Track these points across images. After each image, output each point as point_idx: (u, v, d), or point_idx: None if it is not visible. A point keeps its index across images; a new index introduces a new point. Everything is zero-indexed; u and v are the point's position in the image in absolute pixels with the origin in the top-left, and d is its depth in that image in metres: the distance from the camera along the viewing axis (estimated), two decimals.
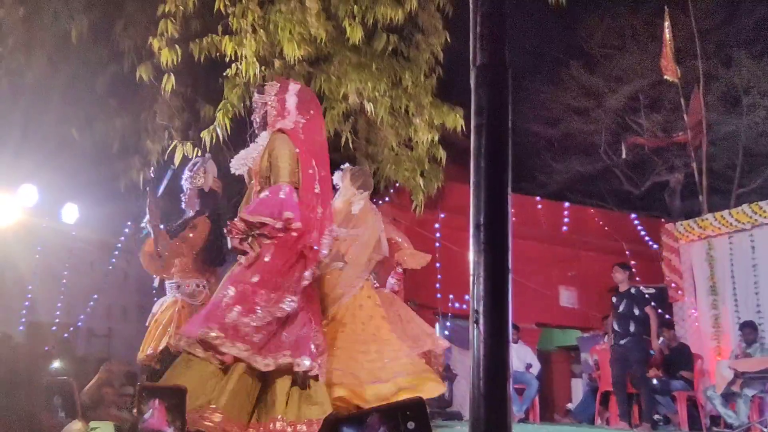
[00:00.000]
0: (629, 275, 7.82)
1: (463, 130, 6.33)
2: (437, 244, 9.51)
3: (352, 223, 4.46)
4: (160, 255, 4.52)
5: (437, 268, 9.40)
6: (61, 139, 6.61)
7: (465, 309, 9.28)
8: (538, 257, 9.91)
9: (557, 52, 13.73)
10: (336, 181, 4.53)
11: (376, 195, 8.41)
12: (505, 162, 1.71)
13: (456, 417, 8.15)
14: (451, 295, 9.44)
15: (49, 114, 6.44)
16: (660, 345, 8.03)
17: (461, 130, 6.35)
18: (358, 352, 4.08)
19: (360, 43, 5.89)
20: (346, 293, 4.27)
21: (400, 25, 6.02)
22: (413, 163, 6.77)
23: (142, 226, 4.63)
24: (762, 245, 8.10)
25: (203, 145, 5.84)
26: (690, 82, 10.96)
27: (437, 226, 9.65)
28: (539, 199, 11.08)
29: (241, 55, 5.62)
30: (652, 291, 9.39)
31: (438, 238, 9.58)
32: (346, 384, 3.92)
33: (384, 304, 4.50)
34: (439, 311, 9.44)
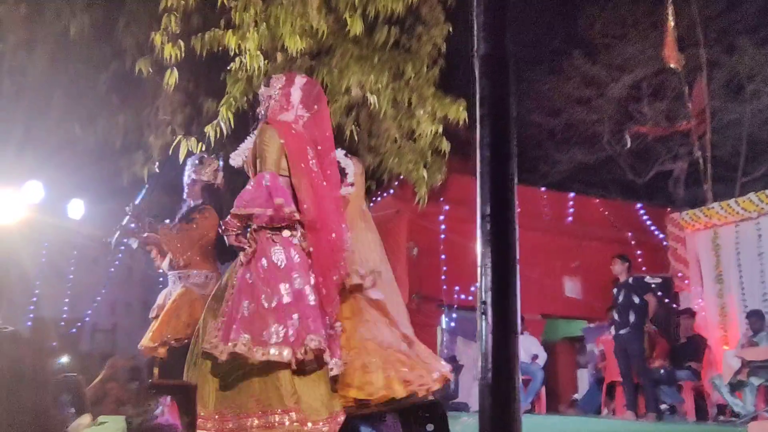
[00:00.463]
0: (628, 267, 7.81)
1: (466, 122, 6.31)
2: (441, 236, 9.52)
3: (365, 219, 4.33)
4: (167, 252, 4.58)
5: (442, 259, 9.40)
6: (65, 136, 6.61)
7: (470, 300, 9.28)
8: (542, 248, 9.88)
9: (559, 41, 13.66)
10: (345, 164, 4.44)
11: (379, 187, 8.41)
12: (509, 152, 1.70)
13: (462, 408, 8.16)
14: (456, 287, 9.43)
15: (52, 110, 6.44)
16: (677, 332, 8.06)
17: (464, 122, 6.34)
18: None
19: (361, 36, 5.87)
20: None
21: (401, 16, 6.00)
22: (416, 156, 6.76)
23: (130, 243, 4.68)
24: None
25: (207, 140, 5.83)
26: (693, 69, 10.91)
27: (441, 218, 9.63)
28: (543, 190, 11.05)
29: (244, 49, 5.60)
30: (658, 280, 9.38)
31: (442, 231, 9.57)
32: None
33: None
34: (444, 303, 9.44)
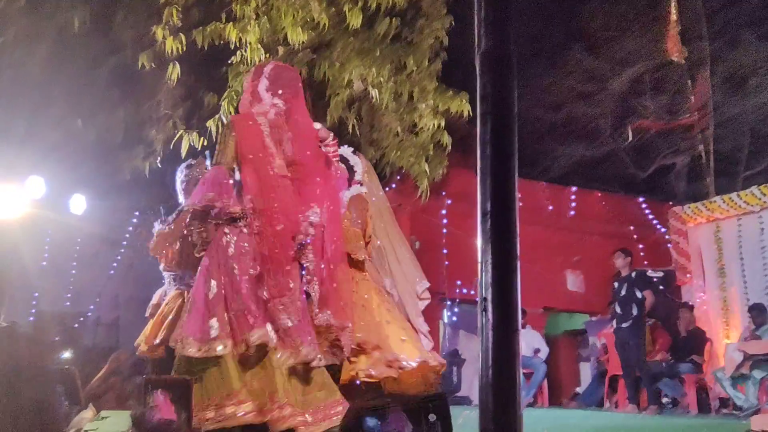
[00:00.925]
0: (630, 261, 7.80)
1: (469, 114, 6.28)
2: (443, 231, 9.51)
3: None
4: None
5: (444, 253, 9.39)
6: (66, 130, 6.60)
7: (472, 294, 9.28)
8: (544, 242, 9.87)
9: (560, 35, 13.58)
10: (354, 162, 4.41)
11: (381, 182, 8.38)
12: (511, 150, 1.68)
13: (464, 402, 8.16)
14: (458, 281, 9.43)
15: (52, 105, 6.42)
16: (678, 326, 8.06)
17: (467, 116, 6.31)
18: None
19: (363, 28, 5.84)
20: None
21: (402, 9, 5.98)
22: (418, 149, 6.74)
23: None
24: None
25: (209, 135, 5.81)
26: (695, 63, 10.86)
27: (444, 212, 9.62)
28: (545, 184, 11.02)
29: (245, 42, 5.58)
30: (660, 274, 9.36)
31: (444, 225, 9.56)
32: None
33: None
34: (445, 296, 9.44)
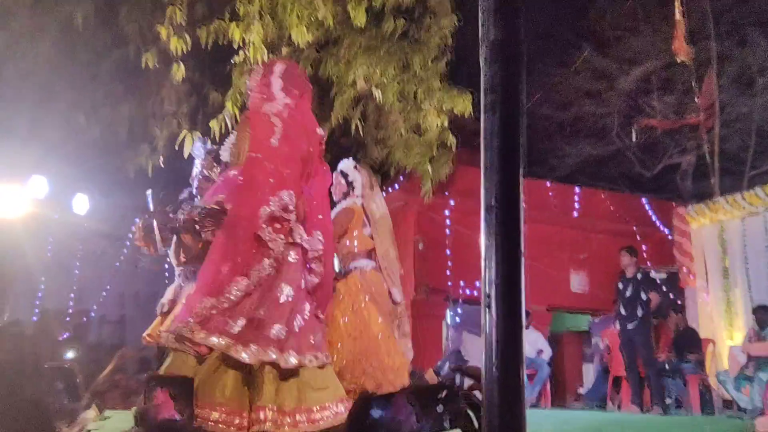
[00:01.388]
0: (636, 260, 7.78)
1: (473, 114, 6.27)
2: (447, 231, 9.49)
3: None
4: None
5: (448, 254, 9.38)
6: (68, 128, 6.59)
7: (476, 295, 9.25)
8: (549, 241, 9.85)
9: (568, 33, 13.55)
10: (353, 178, 4.37)
11: (386, 181, 8.38)
12: (517, 141, 1.66)
13: None
14: (462, 281, 9.41)
15: (55, 102, 6.41)
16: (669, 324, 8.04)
17: (471, 115, 6.30)
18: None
19: (368, 27, 5.82)
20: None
21: (408, 7, 5.95)
22: (423, 148, 6.72)
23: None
24: None
25: (212, 135, 5.79)
26: (703, 63, 10.81)
27: (447, 213, 9.61)
28: (550, 183, 11.00)
29: (249, 41, 5.56)
30: (664, 275, 9.33)
31: (449, 225, 9.54)
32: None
33: None
34: (449, 296, 9.42)
